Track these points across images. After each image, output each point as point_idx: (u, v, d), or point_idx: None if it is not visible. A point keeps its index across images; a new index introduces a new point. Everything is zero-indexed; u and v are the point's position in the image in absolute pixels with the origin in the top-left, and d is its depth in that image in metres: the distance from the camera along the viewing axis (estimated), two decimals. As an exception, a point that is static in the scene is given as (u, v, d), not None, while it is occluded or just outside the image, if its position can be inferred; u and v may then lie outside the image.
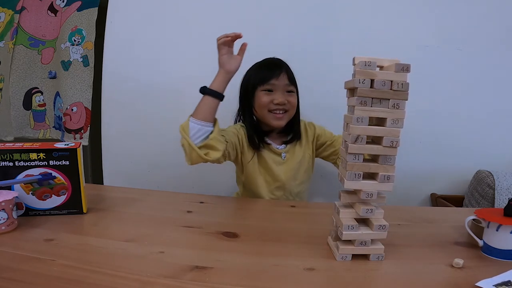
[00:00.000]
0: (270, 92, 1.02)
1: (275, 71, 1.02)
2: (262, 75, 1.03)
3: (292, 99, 1.03)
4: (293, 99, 1.04)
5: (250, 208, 0.89)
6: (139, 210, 0.84)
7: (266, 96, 1.01)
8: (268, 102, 1.01)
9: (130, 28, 1.43)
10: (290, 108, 1.04)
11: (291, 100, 1.03)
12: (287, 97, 1.02)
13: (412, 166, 1.39)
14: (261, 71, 1.05)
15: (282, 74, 1.02)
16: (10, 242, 0.60)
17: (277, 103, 1.00)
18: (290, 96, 1.03)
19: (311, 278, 0.52)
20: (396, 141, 0.54)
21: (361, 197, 0.56)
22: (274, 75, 1.01)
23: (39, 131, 1.58)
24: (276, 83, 1.01)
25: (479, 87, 1.37)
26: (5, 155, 0.68)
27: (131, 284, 0.49)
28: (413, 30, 1.33)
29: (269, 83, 1.01)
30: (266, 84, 1.01)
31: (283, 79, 1.02)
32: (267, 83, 1.01)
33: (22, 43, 1.48)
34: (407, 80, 0.53)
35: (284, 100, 1.01)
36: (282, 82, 1.02)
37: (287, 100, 1.01)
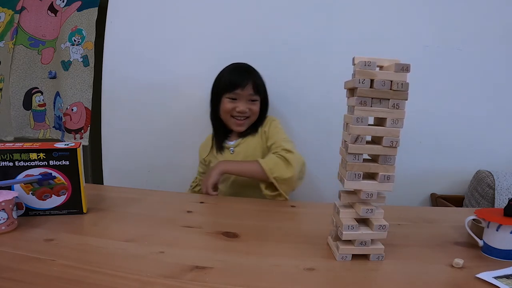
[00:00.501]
0: (234, 100, 1.09)
1: (241, 81, 1.08)
2: (229, 84, 1.09)
3: (254, 107, 1.10)
4: (255, 107, 1.11)
5: (250, 208, 0.89)
6: (139, 210, 0.84)
7: (230, 104, 1.09)
8: (231, 109, 1.09)
9: (130, 28, 1.43)
10: (251, 115, 1.11)
11: (253, 108, 1.10)
12: (250, 105, 1.09)
13: (412, 166, 1.39)
14: (229, 79, 1.11)
15: (247, 85, 1.08)
16: (10, 242, 0.60)
17: (239, 111, 1.08)
18: (253, 105, 1.10)
19: (311, 278, 0.52)
20: (396, 141, 0.54)
21: (361, 197, 0.56)
22: (240, 86, 1.07)
23: (39, 131, 1.58)
24: (240, 93, 1.08)
25: (479, 87, 1.37)
26: (5, 155, 0.68)
27: (131, 284, 0.49)
28: (413, 30, 1.33)
29: (234, 92, 1.08)
30: (231, 93, 1.08)
31: (247, 89, 1.08)
32: (232, 92, 1.08)
33: (22, 43, 1.48)
34: (407, 80, 0.53)
35: (245, 109, 1.08)
36: (246, 92, 1.08)
37: (248, 109, 1.09)
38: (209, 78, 1.45)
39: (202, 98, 1.46)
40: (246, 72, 1.12)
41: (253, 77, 1.11)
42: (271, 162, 0.94)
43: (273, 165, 0.93)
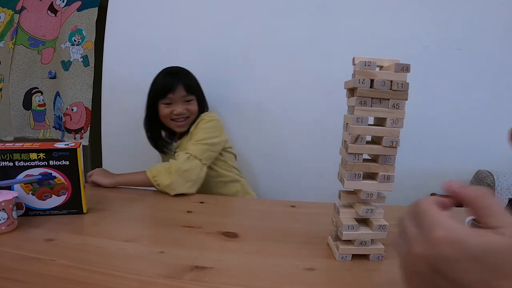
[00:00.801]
0: (169, 105, 1.12)
1: (171, 85, 1.10)
2: (160, 90, 1.12)
3: (191, 107, 1.13)
4: (193, 107, 1.14)
5: (250, 208, 0.89)
6: (139, 210, 0.84)
7: (167, 109, 1.12)
8: (169, 113, 1.12)
9: (130, 28, 1.43)
10: (190, 115, 1.14)
11: (191, 108, 1.13)
12: (186, 106, 1.12)
13: (412, 166, 1.39)
14: (160, 85, 1.14)
15: (178, 87, 1.10)
16: (10, 242, 0.60)
17: (177, 114, 1.11)
18: (189, 105, 1.13)
19: (311, 278, 0.52)
20: (396, 141, 0.54)
21: (361, 197, 0.56)
22: (171, 90, 1.10)
23: (39, 131, 1.58)
24: (173, 96, 1.10)
25: (479, 87, 1.37)
26: (5, 155, 0.68)
27: (131, 284, 0.49)
28: (413, 30, 1.33)
29: (167, 97, 1.10)
30: (165, 98, 1.11)
31: (179, 92, 1.11)
32: (165, 97, 1.11)
33: (22, 43, 1.48)
34: (407, 80, 0.53)
35: (183, 111, 1.11)
36: (179, 94, 1.11)
37: (186, 109, 1.12)
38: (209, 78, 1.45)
39: (202, 98, 1.46)
40: (175, 75, 1.15)
41: (183, 78, 1.14)
42: (155, 170, 0.99)
43: (156, 173, 0.98)
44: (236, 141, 1.48)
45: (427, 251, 0.27)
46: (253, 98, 1.43)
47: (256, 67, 1.41)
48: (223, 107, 1.45)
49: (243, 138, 1.47)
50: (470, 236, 0.26)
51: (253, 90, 1.43)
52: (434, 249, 0.27)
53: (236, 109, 1.45)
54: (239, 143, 1.48)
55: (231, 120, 1.46)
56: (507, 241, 0.25)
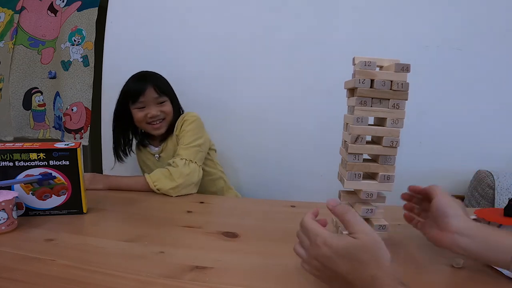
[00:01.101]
0: (142, 108, 1.09)
1: (140, 88, 1.08)
2: (130, 95, 1.10)
3: (165, 108, 1.11)
4: (167, 108, 1.12)
5: (250, 208, 0.89)
6: (139, 210, 0.84)
7: (140, 112, 1.10)
8: (143, 117, 1.09)
9: (130, 28, 1.43)
10: (165, 116, 1.12)
11: (165, 109, 1.11)
12: (160, 107, 1.10)
13: (412, 166, 1.39)
14: (129, 90, 1.12)
15: (148, 89, 1.08)
16: (10, 242, 0.60)
17: (151, 117, 1.09)
18: (163, 106, 1.11)
19: (311, 278, 0.52)
20: (396, 141, 0.54)
21: (361, 197, 0.56)
22: (141, 93, 1.08)
23: (39, 131, 1.58)
24: (144, 99, 1.08)
25: (479, 87, 1.36)
26: (5, 155, 0.68)
27: (131, 284, 0.49)
28: (413, 30, 1.33)
29: (139, 101, 1.08)
30: (137, 102, 1.09)
31: (150, 94, 1.08)
32: (137, 101, 1.08)
33: (22, 43, 1.48)
34: (407, 80, 0.53)
35: (157, 113, 1.09)
36: (150, 96, 1.08)
37: (160, 111, 1.10)
38: (209, 77, 1.45)
39: (202, 98, 1.47)
40: (143, 78, 1.13)
41: (152, 81, 1.11)
42: (155, 176, 0.99)
43: (157, 178, 0.98)
44: (235, 141, 1.48)
45: (314, 252, 0.43)
46: (253, 98, 1.43)
47: (256, 67, 1.41)
48: (222, 107, 1.45)
49: (242, 138, 1.47)
50: (337, 240, 0.41)
51: (252, 90, 1.43)
52: (318, 251, 0.42)
53: (236, 109, 1.45)
54: (239, 143, 1.48)
55: (231, 120, 1.46)
56: (357, 242, 0.40)
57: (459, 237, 0.48)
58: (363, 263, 0.39)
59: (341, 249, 0.41)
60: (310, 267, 0.45)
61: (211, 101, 1.45)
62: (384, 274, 0.38)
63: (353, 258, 0.40)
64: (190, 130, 1.10)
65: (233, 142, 1.48)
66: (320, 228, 0.44)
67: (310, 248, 0.44)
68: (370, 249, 0.40)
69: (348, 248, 0.40)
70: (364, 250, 0.40)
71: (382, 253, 0.40)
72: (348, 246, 0.40)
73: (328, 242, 0.42)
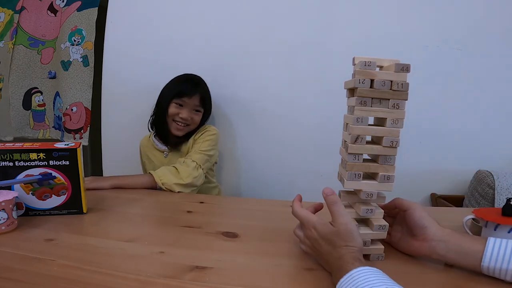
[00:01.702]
0: (180, 107, 1.17)
1: (190, 90, 1.17)
2: (178, 91, 1.17)
3: (196, 117, 1.19)
4: (197, 118, 1.20)
5: (250, 208, 0.89)
6: (139, 210, 0.84)
7: (175, 109, 1.17)
8: (175, 114, 1.16)
9: (130, 28, 1.43)
10: (191, 124, 1.20)
11: (195, 118, 1.19)
12: (193, 114, 1.18)
13: (412, 166, 1.39)
14: (179, 86, 1.19)
15: (195, 95, 1.17)
16: (10, 242, 0.60)
17: (182, 118, 1.16)
18: (195, 115, 1.19)
19: (311, 278, 0.52)
20: (396, 141, 0.54)
21: (361, 197, 0.56)
22: (188, 94, 1.16)
23: (38, 131, 1.58)
24: (187, 101, 1.16)
25: (479, 87, 1.37)
26: (5, 155, 0.68)
27: (131, 284, 0.49)
28: (413, 30, 1.33)
29: (181, 99, 1.16)
30: (179, 99, 1.16)
31: (194, 100, 1.17)
32: (180, 99, 1.16)
33: (22, 43, 1.48)
34: (407, 80, 0.53)
35: (188, 117, 1.17)
36: (192, 102, 1.17)
37: (191, 117, 1.18)
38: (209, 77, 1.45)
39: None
40: (196, 84, 1.21)
41: (201, 90, 1.20)
42: (160, 172, 1.04)
43: (162, 174, 1.02)
44: (235, 141, 1.48)
45: (307, 234, 0.56)
46: (253, 98, 1.43)
47: (256, 67, 1.41)
48: (222, 107, 1.45)
49: (242, 138, 1.47)
50: (321, 227, 0.53)
51: (252, 90, 1.43)
52: (309, 233, 0.55)
53: (236, 109, 1.45)
54: (239, 143, 1.48)
55: (231, 120, 1.46)
56: (335, 230, 0.51)
57: (437, 244, 0.53)
58: (336, 246, 0.50)
59: (323, 234, 0.52)
60: (306, 246, 0.57)
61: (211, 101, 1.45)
62: (348, 254, 0.48)
63: (330, 242, 0.51)
64: (209, 140, 1.19)
65: (233, 142, 1.48)
66: (310, 215, 0.56)
67: (304, 231, 0.56)
68: (343, 236, 0.50)
69: (328, 234, 0.51)
70: (338, 236, 0.50)
71: (353, 240, 0.50)
72: (328, 233, 0.52)
73: (316, 227, 0.53)
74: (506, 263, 0.47)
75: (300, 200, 0.61)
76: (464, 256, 0.51)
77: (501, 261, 0.47)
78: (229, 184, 1.50)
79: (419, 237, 0.56)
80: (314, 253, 0.55)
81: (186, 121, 1.17)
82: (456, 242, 0.52)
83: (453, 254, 0.52)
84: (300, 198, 0.62)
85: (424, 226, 0.55)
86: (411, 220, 0.57)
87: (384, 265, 0.57)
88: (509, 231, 0.57)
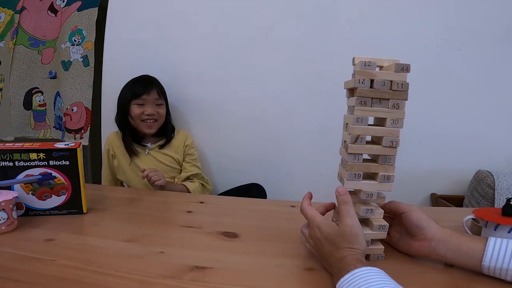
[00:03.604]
0: (141, 106, 1.21)
1: (146, 87, 1.22)
2: (135, 91, 1.22)
3: (161, 111, 1.25)
4: (162, 111, 1.25)
5: (250, 208, 0.89)
6: (139, 210, 0.84)
7: (139, 109, 1.21)
8: (140, 113, 1.20)
9: (130, 28, 1.43)
10: (159, 118, 1.24)
11: (160, 112, 1.24)
12: (157, 109, 1.23)
13: (412, 166, 1.39)
14: (134, 87, 1.23)
15: (152, 90, 1.23)
16: (10, 242, 0.60)
17: (148, 114, 1.20)
18: (159, 108, 1.24)
19: (311, 278, 0.52)
20: (396, 141, 0.54)
21: (361, 197, 0.56)
22: (146, 91, 1.21)
23: (39, 131, 1.58)
24: (146, 98, 1.21)
25: (479, 87, 1.37)
26: (5, 155, 0.68)
27: (131, 284, 0.49)
28: (413, 30, 1.33)
29: (141, 98, 1.21)
30: (138, 99, 1.21)
31: (153, 94, 1.22)
32: (139, 98, 1.21)
33: (22, 43, 1.48)
34: (407, 80, 0.53)
35: (153, 112, 1.22)
36: (152, 97, 1.22)
37: (156, 111, 1.22)
38: (208, 78, 1.45)
39: (202, 98, 1.47)
40: (149, 80, 1.27)
41: (156, 84, 1.26)
42: (193, 185, 1.21)
43: (194, 188, 1.20)
44: (235, 141, 1.48)
45: (311, 233, 0.55)
46: (253, 98, 1.43)
47: (255, 67, 1.41)
48: (223, 107, 1.45)
49: (243, 138, 1.47)
50: (325, 226, 0.52)
51: (252, 90, 1.43)
52: (313, 233, 0.54)
53: (236, 109, 1.45)
54: (239, 143, 1.48)
55: (231, 120, 1.46)
56: (338, 230, 0.51)
57: (436, 244, 0.53)
58: (339, 247, 0.49)
59: (327, 234, 0.51)
60: (309, 245, 0.56)
61: (211, 101, 1.45)
62: (351, 256, 0.47)
63: (333, 243, 0.50)
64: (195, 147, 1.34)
65: (233, 142, 1.48)
66: (316, 214, 0.55)
67: (309, 230, 0.56)
68: (347, 238, 0.49)
69: (331, 235, 0.51)
70: (342, 237, 0.49)
71: (357, 242, 0.49)
72: (331, 233, 0.51)
73: (320, 227, 0.53)
74: (506, 263, 0.47)
75: (310, 198, 0.60)
76: (464, 256, 0.51)
77: (502, 261, 0.47)
78: (229, 184, 1.50)
79: (419, 237, 0.56)
80: (317, 253, 0.54)
81: (153, 116, 1.22)
82: (456, 242, 0.52)
83: (453, 254, 0.52)
84: (310, 196, 0.61)
85: (422, 226, 0.55)
86: (408, 222, 0.57)
87: (384, 265, 0.57)
88: (509, 231, 0.57)
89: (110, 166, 1.30)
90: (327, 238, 0.51)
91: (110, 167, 1.30)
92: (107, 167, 1.31)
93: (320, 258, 0.55)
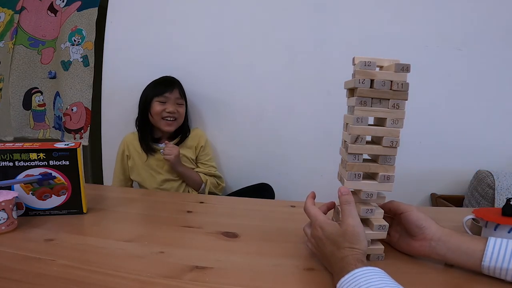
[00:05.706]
0: (163, 103, 1.25)
1: (169, 86, 1.27)
2: (158, 89, 1.27)
3: (181, 110, 1.29)
4: (182, 110, 1.30)
5: (250, 208, 0.89)
6: (139, 210, 0.84)
7: (160, 106, 1.25)
8: (161, 111, 1.25)
9: (130, 28, 1.43)
10: (179, 117, 1.29)
11: (180, 111, 1.29)
12: (177, 107, 1.28)
13: (412, 166, 1.39)
14: (158, 86, 1.29)
15: (174, 89, 1.28)
16: (10, 242, 0.60)
17: (169, 112, 1.25)
18: (180, 107, 1.29)
19: (311, 278, 0.52)
20: (396, 141, 0.54)
21: (361, 197, 0.56)
22: (168, 90, 1.26)
23: (39, 131, 1.58)
24: (168, 96, 1.26)
25: (479, 87, 1.37)
26: (5, 155, 0.68)
27: (131, 284, 0.49)
28: (413, 30, 1.33)
29: (163, 95, 1.25)
30: (161, 96, 1.25)
31: (175, 93, 1.28)
32: (162, 95, 1.25)
33: (22, 43, 1.48)
34: (407, 80, 0.53)
35: (174, 110, 1.26)
36: (173, 95, 1.27)
37: (177, 110, 1.27)
38: (208, 77, 1.45)
39: (202, 98, 1.47)
40: (172, 81, 1.32)
41: (178, 85, 1.31)
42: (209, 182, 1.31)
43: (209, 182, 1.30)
44: (235, 141, 1.48)
45: (313, 232, 0.56)
46: (253, 98, 1.43)
47: (256, 67, 1.41)
48: (223, 107, 1.45)
49: (242, 138, 1.47)
50: (327, 226, 0.53)
51: (253, 90, 1.43)
52: (314, 232, 0.55)
53: (236, 109, 1.45)
54: (239, 143, 1.48)
55: (231, 120, 1.46)
56: (340, 229, 0.51)
57: (436, 244, 0.53)
58: (340, 247, 0.49)
59: (329, 233, 0.52)
60: (311, 245, 0.57)
61: (211, 101, 1.45)
62: (352, 256, 0.47)
63: (335, 243, 0.50)
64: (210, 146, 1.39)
65: (233, 142, 1.48)
66: (319, 213, 0.56)
67: (311, 229, 0.56)
68: (348, 238, 0.49)
69: (333, 234, 0.51)
70: (344, 237, 0.50)
71: (358, 242, 0.49)
72: (333, 233, 0.51)
73: (322, 226, 0.53)
74: (506, 263, 0.47)
75: (314, 197, 0.61)
76: (464, 256, 0.51)
77: (502, 261, 0.47)
78: (229, 184, 1.50)
79: (418, 237, 0.56)
80: (318, 253, 0.55)
81: (174, 114, 1.26)
82: (456, 242, 0.52)
83: (453, 253, 0.52)
84: (313, 195, 0.61)
85: (422, 226, 0.55)
86: (408, 222, 0.57)
87: (384, 265, 0.57)
88: (509, 231, 0.57)
89: (123, 166, 1.33)
90: (328, 237, 0.51)
91: (123, 167, 1.33)
92: (120, 167, 1.33)
93: (321, 258, 0.55)
